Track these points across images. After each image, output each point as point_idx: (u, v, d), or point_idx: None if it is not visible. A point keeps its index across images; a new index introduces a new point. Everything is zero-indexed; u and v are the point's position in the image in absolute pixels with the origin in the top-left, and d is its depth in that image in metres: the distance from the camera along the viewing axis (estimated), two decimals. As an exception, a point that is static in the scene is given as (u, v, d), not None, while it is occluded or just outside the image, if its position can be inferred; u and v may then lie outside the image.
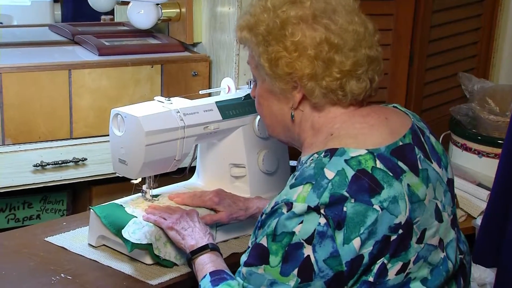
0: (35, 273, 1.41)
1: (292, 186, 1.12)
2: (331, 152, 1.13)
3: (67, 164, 2.11)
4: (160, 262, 1.45)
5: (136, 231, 1.44)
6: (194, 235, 1.39)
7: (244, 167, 1.65)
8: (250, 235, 1.56)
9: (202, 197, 1.53)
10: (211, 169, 1.68)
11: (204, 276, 1.28)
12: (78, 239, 1.56)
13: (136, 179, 1.55)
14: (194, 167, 1.74)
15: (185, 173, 1.84)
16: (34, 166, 2.06)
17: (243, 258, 1.15)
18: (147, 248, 1.43)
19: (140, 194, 1.59)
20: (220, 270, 1.30)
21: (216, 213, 1.52)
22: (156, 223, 1.45)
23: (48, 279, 1.38)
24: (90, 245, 1.54)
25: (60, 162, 2.09)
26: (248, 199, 1.57)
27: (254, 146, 1.66)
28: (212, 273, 1.28)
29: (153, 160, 1.48)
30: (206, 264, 1.32)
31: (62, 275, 1.40)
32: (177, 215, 1.45)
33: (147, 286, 1.38)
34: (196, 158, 1.75)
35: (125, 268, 1.44)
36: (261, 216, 1.16)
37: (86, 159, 2.12)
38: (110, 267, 1.45)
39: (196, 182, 1.70)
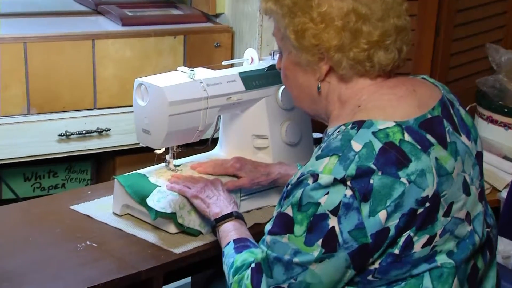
0: (61, 240, 1.41)
1: (318, 158, 1.10)
2: (359, 124, 1.11)
3: (91, 134, 2.11)
4: (184, 230, 1.45)
5: (161, 199, 1.44)
6: (219, 203, 1.38)
7: (267, 138, 1.63)
8: (273, 206, 1.57)
9: (223, 165, 1.52)
10: (233, 140, 1.67)
11: (228, 244, 1.28)
12: (102, 207, 1.56)
13: (159, 149, 1.54)
14: (216, 139, 1.73)
15: (207, 144, 1.83)
16: (59, 135, 2.06)
17: (268, 226, 1.15)
18: (171, 217, 1.43)
19: (163, 164, 1.58)
20: (243, 238, 1.29)
21: (238, 179, 1.51)
22: (180, 192, 1.44)
23: (74, 246, 1.38)
24: (114, 213, 1.53)
25: (84, 132, 2.09)
26: (269, 164, 1.56)
27: (277, 117, 1.64)
28: (235, 241, 1.28)
29: (176, 130, 1.47)
30: (230, 231, 1.31)
31: (87, 242, 1.40)
32: (201, 184, 1.44)
33: (171, 255, 1.38)
34: (218, 129, 1.73)
35: (149, 236, 1.44)
36: (287, 186, 1.14)
37: (110, 129, 2.12)
38: (134, 235, 1.45)
39: (218, 153, 1.69)
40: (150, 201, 1.43)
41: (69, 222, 1.49)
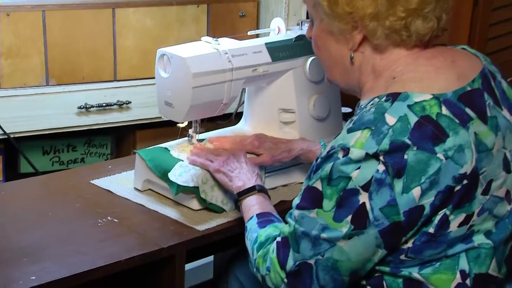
0: (82, 215, 1.42)
1: (349, 131, 1.08)
2: (393, 97, 1.09)
3: (111, 107, 2.11)
4: (207, 206, 1.45)
5: (183, 173, 1.44)
6: (241, 176, 1.38)
7: (294, 112, 1.62)
8: (300, 183, 1.56)
9: (242, 142, 1.52)
10: (259, 114, 1.66)
11: (251, 218, 1.28)
12: (123, 182, 1.57)
13: (182, 123, 1.54)
14: (241, 113, 1.72)
15: (231, 118, 1.82)
16: (79, 108, 2.07)
17: (296, 201, 1.14)
18: (194, 191, 1.43)
19: (185, 138, 1.58)
20: (267, 212, 1.29)
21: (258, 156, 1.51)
22: (202, 165, 1.44)
23: (95, 221, 1.39)
24: (135, 189, 1.54)
25: (104, 104, 2.09)
26: (290, 140, 1.55)
27: (305, 90, 1.62)
28: (259, 215, 1.27)
29: (200, 103, 1.46)
30: (253, 205, 1.31)
31: (108, 217, 1.41)
32: (224, 157, 1.43)
33: (194, 231, 1.38)
34: (243, 103, 1.72)
35: (171, 213, 1.44)
36: (316, 160, 1.13)
37: (130, 102, 2.12)
38: (156, 211, 1.45)
39: (243, 127, 1.68)
40: (172, 176, 1.43)
41: (90, 197, 1.50)
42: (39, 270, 1.21)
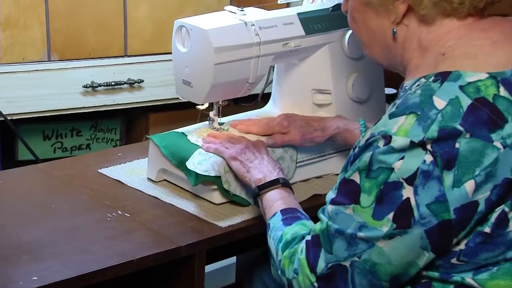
0: (88, 208, 1.45)
1: (392, 116, 1.09)
2: (443, 76, 1.09)
3: (121, 86, 2.14)
4: (230, 198, 1.47)
5: (203, 162, 1.46)
6: (262, 168, 1.40)
7: (330, 93, 1.63)
8: (336, 174, 1.58)
9: (269, 123, 1.54)
10: (289, 96, 1.67)
11: (274, 214, 1.29)
12: (135, 172, 1.60)
13: (202, 105, 1.56)
14: (268, 94, 1.74)
15: (257, 100, 1.84)
16: (84, 87, 2.10)
17: (330, 195, 1.15)
18: (215, 181, 1.45)
19: (206, 122, 1.60)
20: (292, 208, 1.30)
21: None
22: (216, 152, 1.46)
23: (103, 216, 1.42)
24: (149, 179, 1.57)
25: (113, 83, 2.13)
26: (324, 118, 1.57)
27: (343, 68, 1.64)
28: (283, 211, 1.29)
29: (222, 82, 1.48)
30: (276, 200, 1.33)
31: (119, 211, 1.44)
32: (241, 145, 1.45)
33: (215, 228, 1.40)
34: (271, 82, 1.74)
35: (190, 207, 1.47)
36: (354, 149, 1.14)
37: (143, 80, 2.15)
38: (173, 205, 1.48)
39: (271, 110, 1.70)
40: (190, 164, 1.45)
41: (97, 188, 1.53)
42: (41, 270, 1.23)
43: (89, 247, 1.31)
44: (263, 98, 1.79)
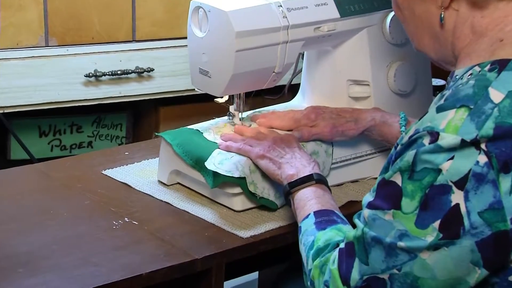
0: (91, 215, 1.47)
1: (439, 109, 1.10)
2: (501, 65, 1.10)
3: (128, 75, 2.16)
4: (257, 202, 1.48)
5: (224, 161, 1.47)
6: (294, 162, 1.41)
7: (368, 84, 1.64)
8: (374, 178, 1.58)
9: (294, 116, 1.55)
10: (321, 87, 1.68)
11: (307, 216, 1.30)
12: (144, 174, 1.62)
13: (221, 98, 1.57)
14: (297, 86, 1.74)
15: (283, 92, 1.85)
16: (86, 76, 2.12)
17: (367, 197, 1.16)
18: (239, 183, 1.46)
19: (225, 118, 1.61)
20: (328, 210, 1.31)
21: None
22: (240, 152, 1.48)
23: (109, 223, 1.44)
24: (160, 182, 1.59)
25: (119, 72, 2.14)
26: (358, 109, 1.58)
27: (383, 55, 1.64)
28: (317, 213, 1.30)
29: (245, 71, 1.50)
30: (309, 200, 1.34)
31: (125, 219, 1.46)
32: (269, 141, 1.47)
33: (235, 239, 1.42)
34: (300, 72, 1.75)
35: (206, 214, 1.48)
36: (395, 147, 1.15)
37: (153, 69, 2.16)
38: (187, 211, 1.49)
39: (299, 104, 1.71)
40: (210, 164, 1.47)
41: (101, 192, 1.55)
42: (39, 285, 1.25)
43: (92, 259, 1.33)
44: (291, 90, 1.81)
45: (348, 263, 1.15)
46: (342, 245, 1.18)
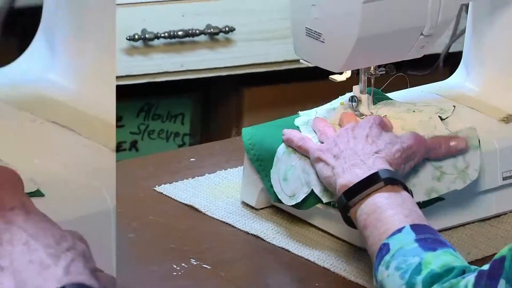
0: (140, 254, 1.52)
1: None
2: None
3: (194, 38, 2.19)
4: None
5: (289, 175, 1.53)
6: (350, 159, 1.45)
7: None
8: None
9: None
10: (497, 58, 1.70)
11: (399, 230, 1.34)
12: (220, 192, 1.66)
13: (340, 73, 1.60)
14: (456, 55, 1.76)
15: (437, 64, 1.87)
16: (130, 39, 2.16)
17: None
18: (316, 201, 1.51)
19: (344, 102, 1.65)
20: (426, 226, 1.36)
21: None
22: (300, 148, 1.53)
23: (167, 268, 1.47)
24: (245, 204, 1.63)
25: (180, 33, 2.18)
26: None
27: None
28: (415, 228, 1.34)
29: (376, 33, 1.53)
30: (388, 209, 1.38)
31: (192, 260, 1.49)
32: (332, 139, 1.51)
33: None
34: (462, 34, 1.77)
35: (317, 254, 1.51)
36: None
37: (234, 29, 2.20)
38: (287, 250, 1.52)
39: (462, 84, 1.74)
40: (277, 184, 1.54)
41: (155, 220, 1.59)
42: None
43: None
44: (447, 63, 1.83)
45: (489, 285, 1.20)
46: (485, 266, 1.23)
